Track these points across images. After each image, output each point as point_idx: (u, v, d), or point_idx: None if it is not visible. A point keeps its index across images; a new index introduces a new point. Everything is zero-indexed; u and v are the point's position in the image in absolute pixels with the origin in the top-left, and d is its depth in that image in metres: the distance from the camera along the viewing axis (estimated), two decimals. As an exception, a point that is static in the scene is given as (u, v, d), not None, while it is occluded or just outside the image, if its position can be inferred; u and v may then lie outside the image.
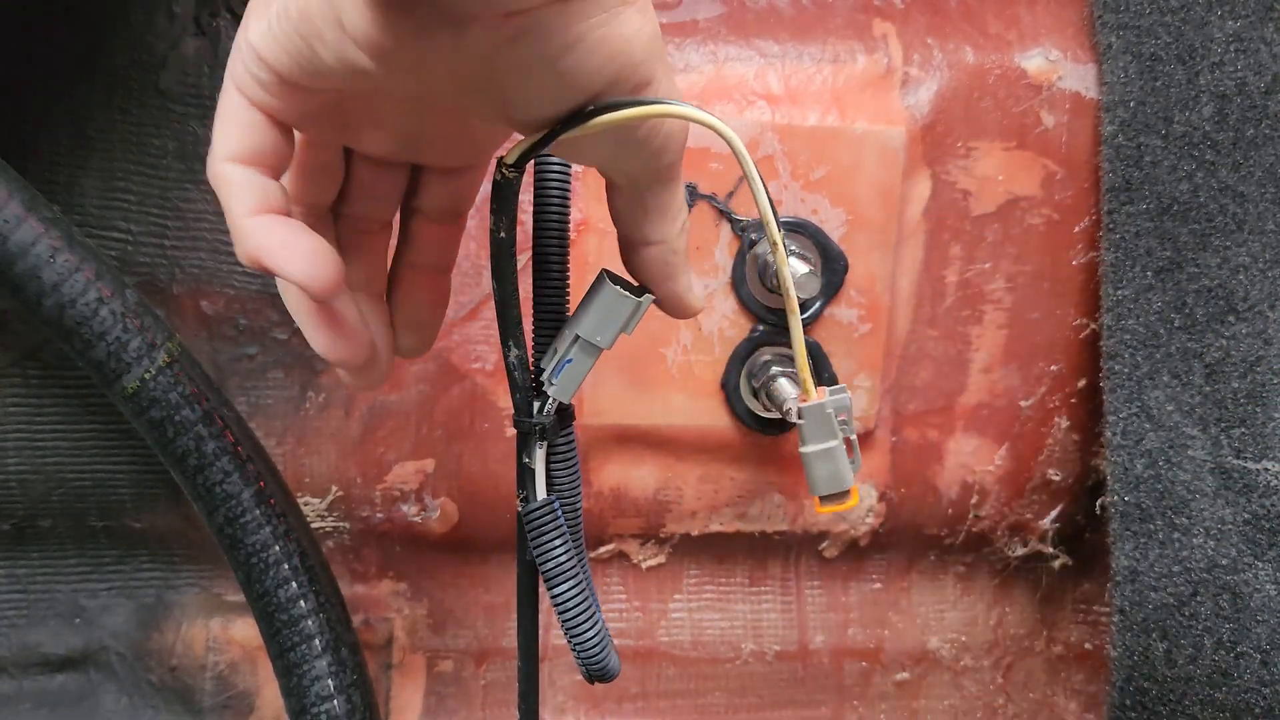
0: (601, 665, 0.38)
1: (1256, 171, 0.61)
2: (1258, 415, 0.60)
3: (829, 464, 0.36)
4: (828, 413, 0.36)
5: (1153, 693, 0.61)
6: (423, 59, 0.29)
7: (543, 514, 0.38)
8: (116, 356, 0.52)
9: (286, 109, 0.33)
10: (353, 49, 0.29)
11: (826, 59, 0.62)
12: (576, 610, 0.38)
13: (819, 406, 0.36)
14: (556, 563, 0.38)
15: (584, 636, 0.37)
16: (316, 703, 0.54)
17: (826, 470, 0.36)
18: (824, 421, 0.36)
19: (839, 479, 0.36)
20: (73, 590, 0.66)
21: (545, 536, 0.38)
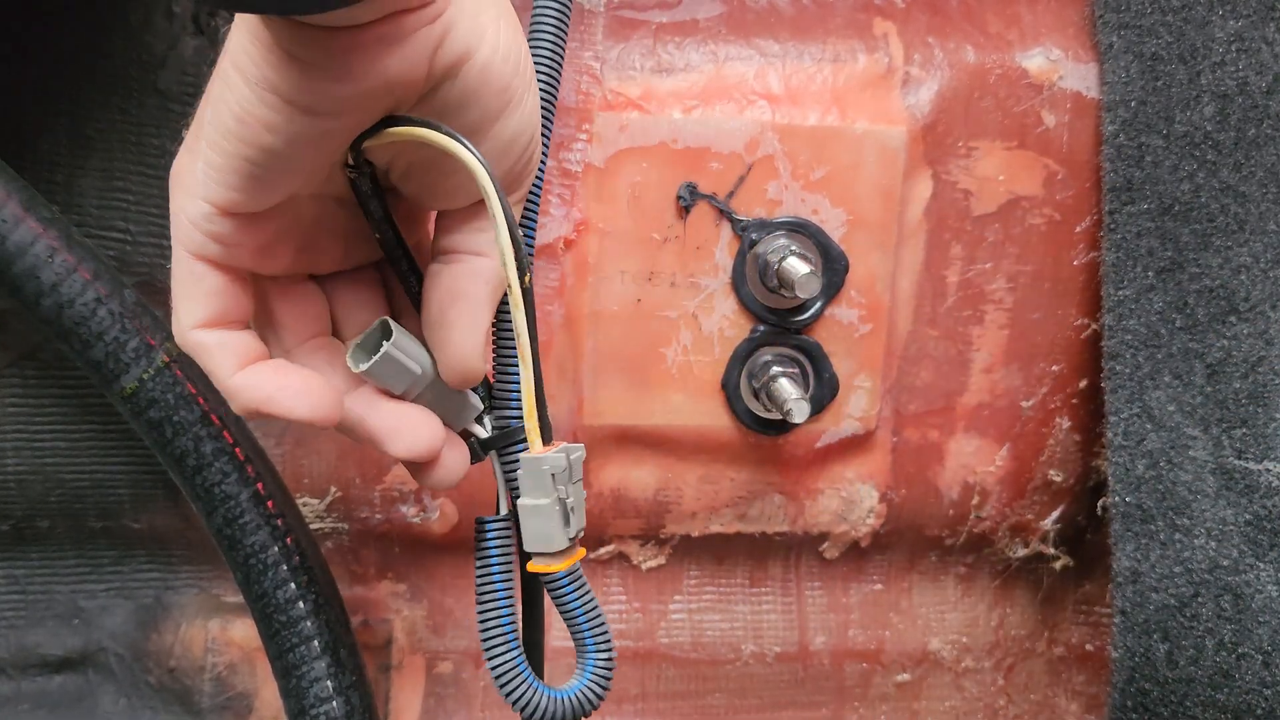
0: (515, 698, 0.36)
1: (1258, 171, 0.60)
2: (1259, 416, 0.60)
3: (537, 521, 0.34)
4: (543, 469, 0.34)
5: (1154, 694, 0.61)
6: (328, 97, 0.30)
7: (483, 530, 0.38)
8: (115, 357, 0.52)
9: (244, 252, 0.34)
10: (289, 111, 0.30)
11: (827, 58, 0.62)
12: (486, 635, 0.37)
13: (536, 461, 0.34)
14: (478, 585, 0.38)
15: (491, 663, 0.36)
16: (315, 704, 0.54)
17: (534, 527, 0.34)
18: (538, 477, 0.34)
19: (547, 539, 0.34)
20: (71, 591, 0.66)
21: (479, 552, 0.38)
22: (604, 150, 0.60)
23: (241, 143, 0.31)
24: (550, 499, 0.34)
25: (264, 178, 0.32)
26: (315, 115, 0.30)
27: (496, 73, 0.32)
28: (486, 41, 0.32)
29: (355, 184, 0.36)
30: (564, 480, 0.34)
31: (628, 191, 0.60)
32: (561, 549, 0.34)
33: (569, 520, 0.34)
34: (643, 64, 0.61)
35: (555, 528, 0.34)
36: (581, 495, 0.35)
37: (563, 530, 0.34)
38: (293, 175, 0.32)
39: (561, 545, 0.34)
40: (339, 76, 0.30)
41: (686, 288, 0.62)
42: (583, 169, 0.60)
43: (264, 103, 0.30)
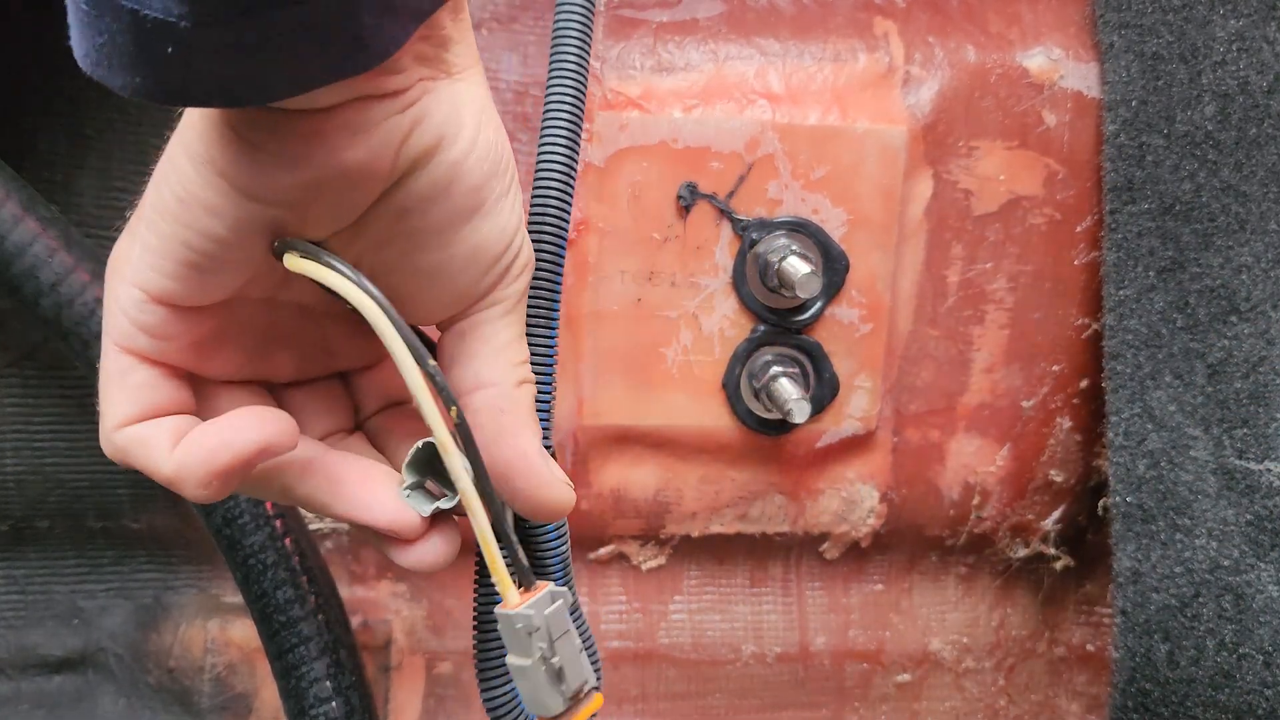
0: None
1: (1259, 171, 0.60)
2: (1260, 416, 0.60)
3: (525, 684, 0.30)
4: (516, 627, 0.29)
5: (1155, 694, 0.61)
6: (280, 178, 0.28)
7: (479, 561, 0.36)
8: (114, 357, 0.52)
9: (177, 348, 0.31)
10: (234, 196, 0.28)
11: (827, 57, 0.62)
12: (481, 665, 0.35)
13: (506, 617, 0.29)
14: (475, 613, 0.35)
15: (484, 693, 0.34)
16: (315, 704, 0.54)
17: (525, 690, 0.30)
18: (514, 635, 0.29)
19: (535, 703, 0.30)
20: (70, 591, 0.66)
21: (478, 582, 0.36)
22: (604, 149, 0.59)
23: (180, 225, 0.28)
24: (532, 661, 0.29)
25: (203, 266, 0.29)
26: (262, 203, 0.28)
27: (470, 170, 0.30)
28: (464, 136, 0.29)
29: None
30: (544, 638, 0.29)
31: (628, 191, 0.60)
32: (560, 712, 0.30)
33: (561, 678, 0.30)
34: (643, 63, 0.61)
35: (546, 690, 0.29)
36: (575, 646, 0.30)
37: (555, 691, 0.30)
38: (235, 268, 0.30)
39: (557, 708, 0.30)
40: (291, 164, 0.27)
41: (687, 287, 0.62)
42: (583, 168, 0.60)
43: (208, 184, 0.28)
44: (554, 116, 0.38)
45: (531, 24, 0.61)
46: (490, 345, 0.32)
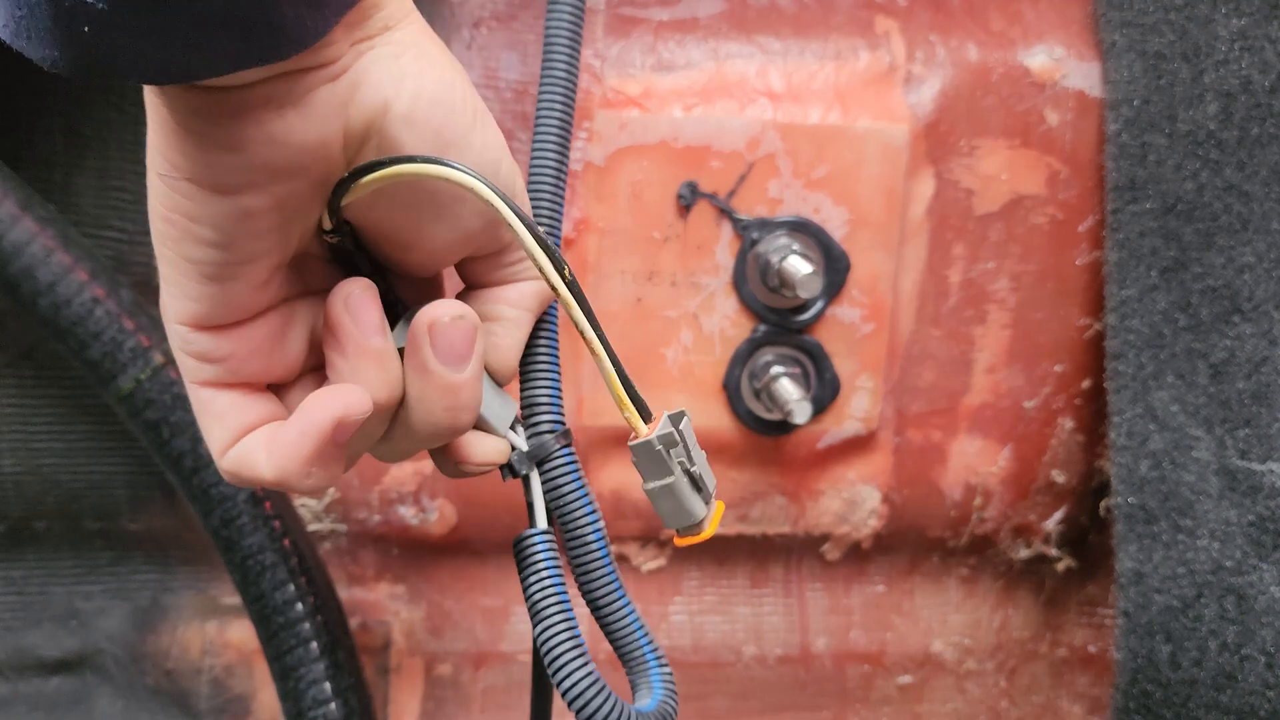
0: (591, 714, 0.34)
1: (1261, 170, 0.60)
2: (1263, 416, 0.59)
3: (670, 500, 0.33)
4: (656, 449, 0.32)
5: (1157, 696, 0.61)
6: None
7: (523, 546, 0.36)
8: (111, 357, 0.52)
9: (239, 364, 0.32)
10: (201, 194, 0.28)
11: (829, 56, 0.61)
12: (551, 654, 0.34)
13: (646, 444, 0.33)
14: (530, 602, 0.35)
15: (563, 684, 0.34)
16: (314, 706, 0.53)
17: (669, 506, 0.33)
18: (654, 458, 0.32)
19: (683, 514, 0.33)
20: (68, 592, 0.65)
21: (521, 572, 0.36)
22: (604, 148, 0.59)
23: (175, 243, 0.29)
24: (674, 476, 0.32)
25: (216, 276, 0.30)
26: (227, 194, 0.28)
27: (423, 120, 0.30)
28: (406, 88, 0.29)
29: (335, 248, 0.34)
30: (681, 453, 0.33)
31: (628, 190, 0.60)
32: (703, 516, 0.33)
33: (700, 485, 0.33)
34: (643, 62, 0.60)
35: (688, 500, 0.32)
36: (702, 455, 0.34)
37: (698, 498, 0.33)
38: (245, 268, 0.30)
39: (702, 513, 0.33)
40: (231, 144, 0.27)
41: (687, 287, 0.61)
42: (583, 167, 0.60)
43: (177, 191, 0.28)
44: (544, 120, 0.39)
45: (531, 22, 0.60)
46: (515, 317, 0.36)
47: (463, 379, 0.32)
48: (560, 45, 0.40)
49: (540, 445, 0.37)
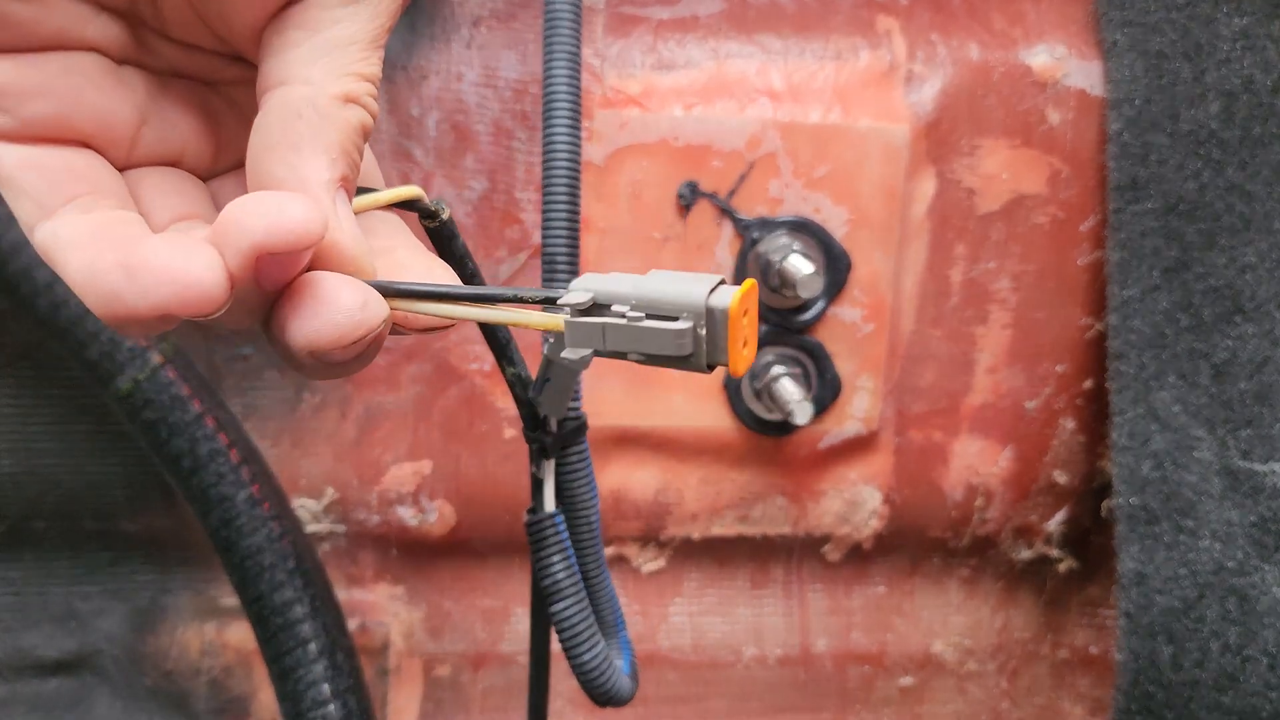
0: (604, 689, 0.37)
1: (1264, 170, 0.60)
2: (1265, 416, 0.59)
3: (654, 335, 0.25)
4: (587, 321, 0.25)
5: (1159, 697, 0.61)
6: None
7: (543, 527, 0.37)
8: (110, 357, 0.52)
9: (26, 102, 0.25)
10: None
11: (829, 55, 0.61)
12: (573, 630, 0.36)
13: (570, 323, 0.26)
14: (554, 579, 0.37)
15: (581, 657, 0.36)
16: (312, 707, 0.53)
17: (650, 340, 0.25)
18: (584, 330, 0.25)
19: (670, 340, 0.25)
20: (66, 593, 0.65)
21: (544, 550, 0.37)
22: (604, 148, 0.59)
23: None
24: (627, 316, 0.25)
25: None
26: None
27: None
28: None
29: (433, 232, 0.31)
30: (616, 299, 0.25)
31: (628, 189, 0.59)
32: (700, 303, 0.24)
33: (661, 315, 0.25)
34: (643, 61, 0.60)
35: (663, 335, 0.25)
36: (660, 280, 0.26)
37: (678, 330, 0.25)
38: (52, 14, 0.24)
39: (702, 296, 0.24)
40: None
41: (687, 287, 0.61)
42: (583, 167, 0.59)
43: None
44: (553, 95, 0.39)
45: (531, 21, 0.60)
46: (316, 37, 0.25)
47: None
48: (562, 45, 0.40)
49: (574, 431, 0.38)
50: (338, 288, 0.24)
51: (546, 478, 0.38)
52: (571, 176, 0.39)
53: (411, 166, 0.59)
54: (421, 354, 0.62)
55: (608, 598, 0.41)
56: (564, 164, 0.39)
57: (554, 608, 0.37)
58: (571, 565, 0.37)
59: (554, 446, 0.38)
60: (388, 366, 0.62)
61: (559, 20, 0.40)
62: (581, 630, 0.37)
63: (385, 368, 0.62)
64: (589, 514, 0.40)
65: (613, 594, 0.41)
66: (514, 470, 0.64)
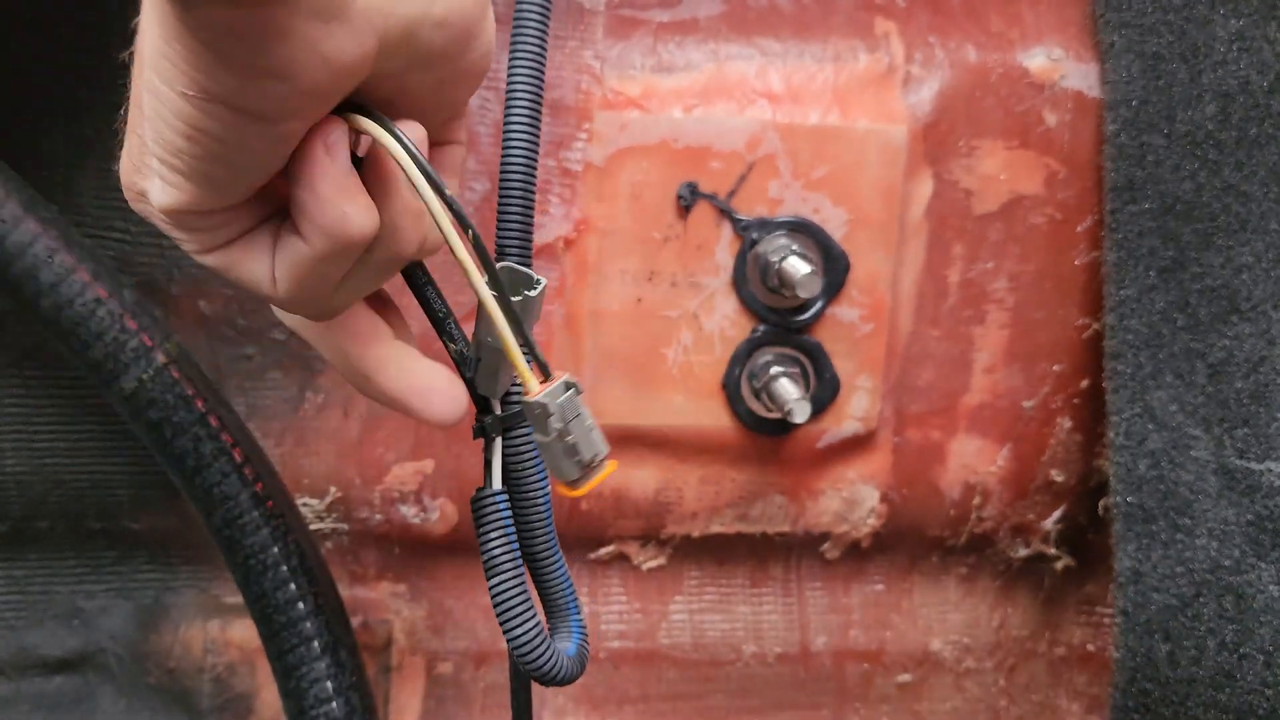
0: (538, 665, 0.37)
1: (1260, 170, 0.60)
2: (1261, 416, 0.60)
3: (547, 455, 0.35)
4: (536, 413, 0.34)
5: (1156, 694, 0.61)
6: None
7: (484, 505, 0.38)
8: (114, 357, 0.52)
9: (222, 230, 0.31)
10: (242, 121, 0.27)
11: (828, 57, 0.62)
12: (507, 606, 0.37)
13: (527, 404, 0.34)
14: (490, 555, 0.38)
15: (513, 632, 0.37)
16: (315, 705, 0.54)
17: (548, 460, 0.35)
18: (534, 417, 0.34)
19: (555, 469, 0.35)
20: (70, 592, 0.66)
21: (484, 527, 0.38)
22: (604, 149, 0.59)
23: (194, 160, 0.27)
24: (550, 438, 0.34)
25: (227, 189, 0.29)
26: (270, 121, 0.27)
27: (456, 20, 0.29)
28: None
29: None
30: (559, 419, 0.34)
31: (628, 190, 0.60)
32: (575, 477, 0.35)
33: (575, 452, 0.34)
34: (643, 63, 0.61)
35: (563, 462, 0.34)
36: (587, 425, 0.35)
37: (570, 462, 0.34)
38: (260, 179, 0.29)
39: (574, 475, 0.35)
40: (281, 71, 0.25)
41: (687, 287, 0.61)
42: (583, 168, 0.60)
43: (208, 115, 0.26)
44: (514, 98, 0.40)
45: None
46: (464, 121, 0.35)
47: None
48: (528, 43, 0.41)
49: (514, 415, 0.39)
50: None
51: (494, 458, 0.39)
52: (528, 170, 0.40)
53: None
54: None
55: (559, 579, 0.41)
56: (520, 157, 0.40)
57: (490, 583, 0.38)
58: (510, 543, 0.38)
59: (493, 427, 0.39)
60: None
61: (525, 19, 0.41)
62: (515, 606, 0.37)
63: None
64: (537, 495, 0.40)
65: (565, 576, 0.41)
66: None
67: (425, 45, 0.29)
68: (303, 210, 0.29)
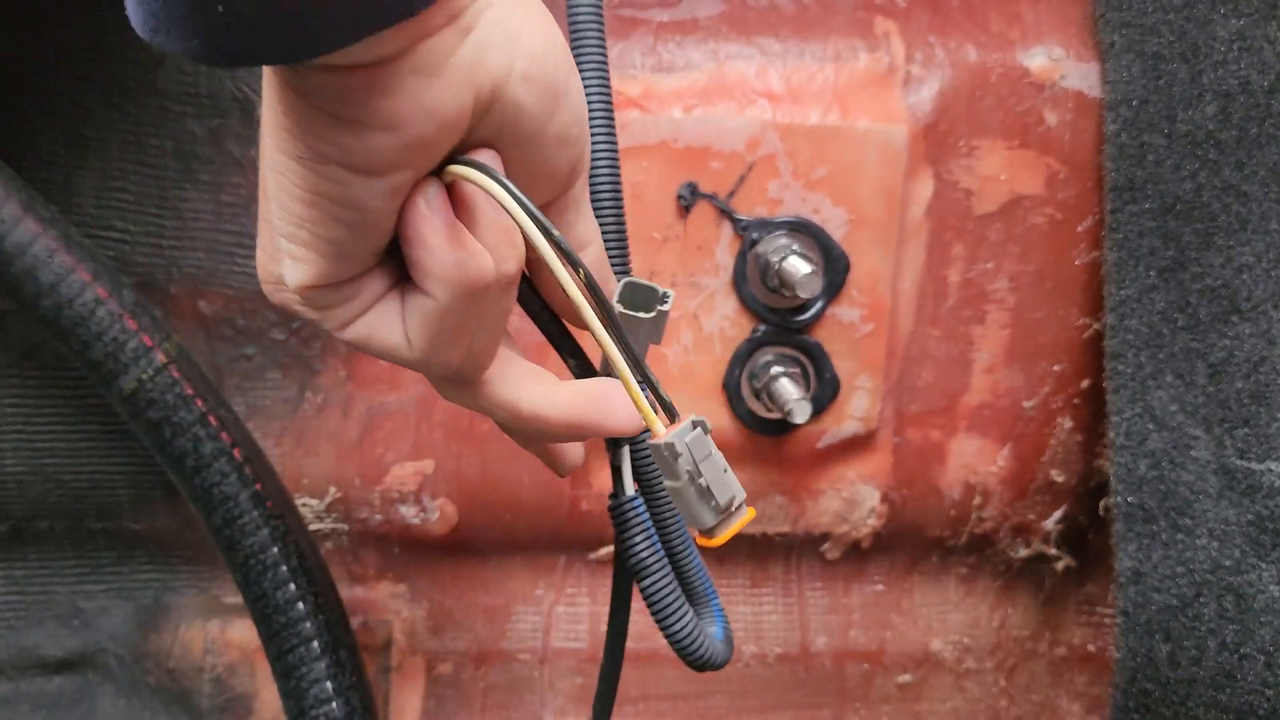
0: (697, 657, 0.39)
1: (1260, 170, 0.60)
2: (1261, 416, 0.60)
3: (680, 502, 0.34)
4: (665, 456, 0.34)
5: (1156, 695, 0.61)
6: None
7: (624, 511, 0.39)
8: (114, 357, 0.52)
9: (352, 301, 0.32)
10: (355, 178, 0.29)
11: (828, 57, 0.62)
12: (662, 604, 0.38)
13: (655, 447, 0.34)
14: (638, 558, 0.39)
15: (672, 628, 0.38)
16: (315, 705, 0.54)
17: (681, 507, 0.34)
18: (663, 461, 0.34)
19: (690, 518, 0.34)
20: (70, 592, 0.66)
21: (628, 532, 0.39)
22: (604, 149, 0.59)
23: (317, 225, 0.29)
24: (681, 482, 0.33)
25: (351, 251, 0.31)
26: (380, 174, 0.28)
27: (541, 78, 0.30)
28: (522, 49, 0.29)
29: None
30: (689, 462, 0.33)
31: (628, 190, 0.60)
32: (713, 524, 0.34)
33: (710, 496, 0.34)
34: (643, 62, 0.61)
35: (697, 507, 0.34)
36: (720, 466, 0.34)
37: (705, 507, 0.34)
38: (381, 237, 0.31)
39: (711, 522, 0.34)
40: (387, 124, 0.27)
41: (687, 287, 0.61)
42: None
43: (325, 176, 0.28)
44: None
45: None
46: (584, 212, 0.36)
47: None
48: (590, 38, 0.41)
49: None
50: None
51: (624, 464, 0.39)
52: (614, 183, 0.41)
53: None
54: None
55: (696, 571, 0.42)
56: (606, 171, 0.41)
57: (642, 584, 0.39)
58: (654, 544, 0.39)
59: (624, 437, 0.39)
60: (389, 366, 0.63)
61: (584, 27, 0.41)
62: (670, 603, 0.38)
63: (387, 367, 0.63)
64: (668, 495, 0.41)
65: (701, 567, 0.42)
66: (515, 469, 0.65)
67: (513, 102, 0.30)
68: (420, 267, 0.31)
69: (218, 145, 0.60)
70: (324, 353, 0.63)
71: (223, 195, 0.60)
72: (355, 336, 0.33)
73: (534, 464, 0.64)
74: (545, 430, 0.36)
